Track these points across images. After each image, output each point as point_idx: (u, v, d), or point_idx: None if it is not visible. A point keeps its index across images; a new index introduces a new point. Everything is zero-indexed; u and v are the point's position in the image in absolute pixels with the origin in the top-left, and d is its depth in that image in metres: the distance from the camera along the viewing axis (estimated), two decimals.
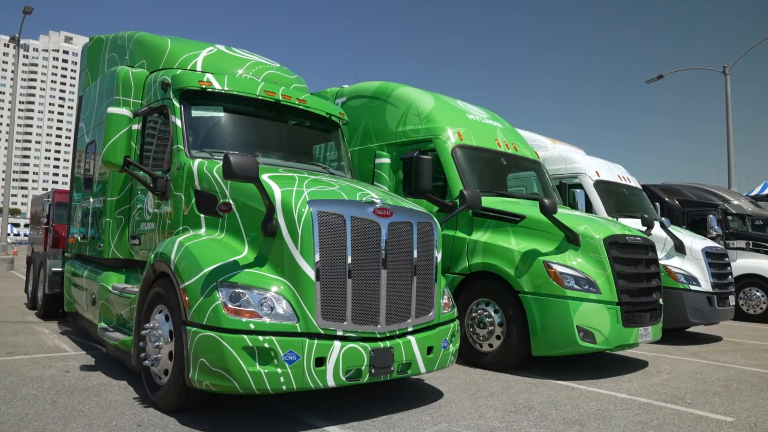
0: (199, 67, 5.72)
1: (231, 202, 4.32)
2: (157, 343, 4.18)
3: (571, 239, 5.98)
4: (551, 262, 5.82)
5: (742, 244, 12.17)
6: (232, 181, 3.73)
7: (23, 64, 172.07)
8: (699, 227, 12.25)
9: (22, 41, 26.61)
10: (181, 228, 4.71)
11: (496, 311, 6.12)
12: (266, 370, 3.62)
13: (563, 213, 6.40)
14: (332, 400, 4.60)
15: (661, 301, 6.55)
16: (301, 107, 5.60)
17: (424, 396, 4.85)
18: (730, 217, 12.67)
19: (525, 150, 8.00)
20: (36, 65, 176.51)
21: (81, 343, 6.73)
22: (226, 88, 5.18)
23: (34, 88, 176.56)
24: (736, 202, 12.93)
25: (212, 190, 4.49)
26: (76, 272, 6.71)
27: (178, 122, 5.00)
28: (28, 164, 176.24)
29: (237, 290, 3.75)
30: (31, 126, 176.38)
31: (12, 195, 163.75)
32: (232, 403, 4.37)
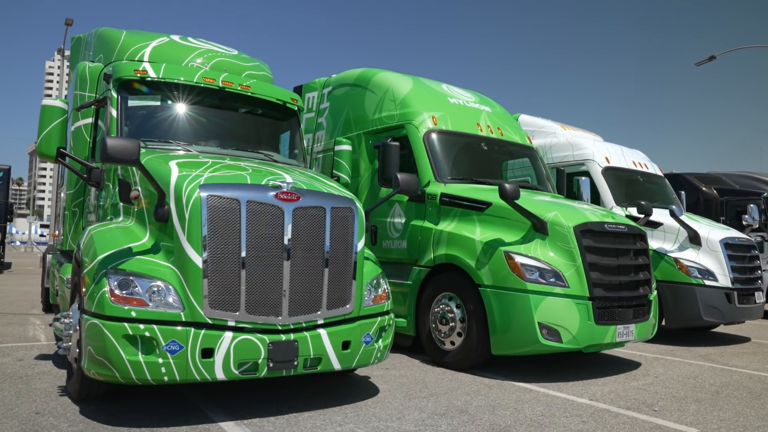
0: (146, 57, 5.69)
1: (139, 189, 4.22)
2: (68, 332, 4.15)
3: (538, 227, 5.46)
4: (513, 253, 5.33)
5: None
6: (109, 164, 3.61)
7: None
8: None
9: None
10: (108, 218, 4.68)
11: (458, 306, 5.70)
12: (147, 360, 3.47)
13: (533, 199, 5.88)
14: (254, 394, 4.41)
15: (651, 296, 5.87)
16: (245, 93, 5.44)
17: (354, 394, 4.56)
18: None
19: (513, 135, 7.46)
20: None
21: None
22: (161, 76, 5.10)
23: None
24: None
25: (128, 178, 4.41)
26: (55, 265, 6.91)
27: (114, 112, 4.97)
28: None
29: (125, 277, 3.62)
30: None
31: None
32: (146, 394, 4.26)
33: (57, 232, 7.06)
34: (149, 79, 5.08)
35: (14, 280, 15.32)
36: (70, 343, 4.12)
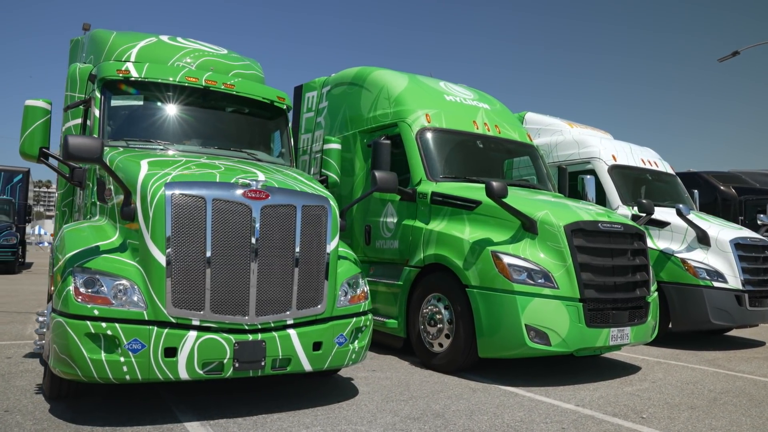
0: (133, 58, 5.70)
1: (111, 188, 4.21)
2: (42, 330, 4.16)
3: (527, 227, 5.28)
4: (500, 253, 5.17)
5: None
6: (73, 162, 3.60)
7: None
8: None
9: None
10: (88, 216, 4.69)
11: (446, 307, 5.56)
12: (108, 359, 3.45)
13: (524, 197, 5.70)
14: (231, 394, 4.35)
15: (649, 297, 5.62)
16: (230, 92, 5.40)
17: (332, 395, 4.46)
18: None
19: (511, 132, 7.28)
20: None
21: None
22: (143, 76, 5.10)
23: None
24: None
25: (103, 177, 4.41)
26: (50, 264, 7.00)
27: (97, 112, 4.99)
28: None
29: (90, 276, 3.60)
30: None
31: None
32: (120, 393, 4.24)
33: (53, 232, 7.16)
34: (132, 78, 5.08)
35: (30, 279, 15.68)
36: (44, 341, 4.14)
